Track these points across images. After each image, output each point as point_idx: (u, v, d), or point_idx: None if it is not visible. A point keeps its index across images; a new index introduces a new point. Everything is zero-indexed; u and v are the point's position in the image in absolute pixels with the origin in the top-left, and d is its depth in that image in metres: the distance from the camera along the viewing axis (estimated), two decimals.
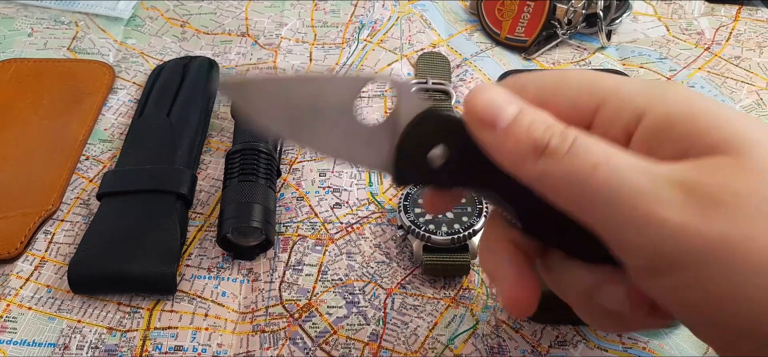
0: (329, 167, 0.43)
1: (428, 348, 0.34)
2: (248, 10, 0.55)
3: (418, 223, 0.36)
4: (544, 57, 0.51)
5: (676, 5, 0.55)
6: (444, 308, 0.35)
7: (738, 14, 0.54)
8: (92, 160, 0.43)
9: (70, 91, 0.47)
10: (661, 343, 0.34)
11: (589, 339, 0.34)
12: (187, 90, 0.45)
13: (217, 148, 0.44)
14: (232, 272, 0.37)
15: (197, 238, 0.39)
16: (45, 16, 0.54)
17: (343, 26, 0.53)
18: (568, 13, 0.50)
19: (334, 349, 0.34)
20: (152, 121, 0.43)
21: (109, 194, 0.39)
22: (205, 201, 0.41)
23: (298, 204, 0.41)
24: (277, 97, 0.25)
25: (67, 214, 0.40)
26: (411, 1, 0.55)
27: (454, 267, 0.36)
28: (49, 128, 0.45)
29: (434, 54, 0.50)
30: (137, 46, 0.52)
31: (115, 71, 0.49)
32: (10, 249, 0.37)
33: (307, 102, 0.25)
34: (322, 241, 0.39)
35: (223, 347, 0.34)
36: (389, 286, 0.36)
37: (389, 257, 0.38)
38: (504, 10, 0.51)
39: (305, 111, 0.25)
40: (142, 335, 0.34)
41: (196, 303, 0.36)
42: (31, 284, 0.37)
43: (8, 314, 0.35)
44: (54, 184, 0.41)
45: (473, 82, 0.48)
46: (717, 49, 0.51)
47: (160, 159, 0.40)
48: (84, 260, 0.36)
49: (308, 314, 0.35)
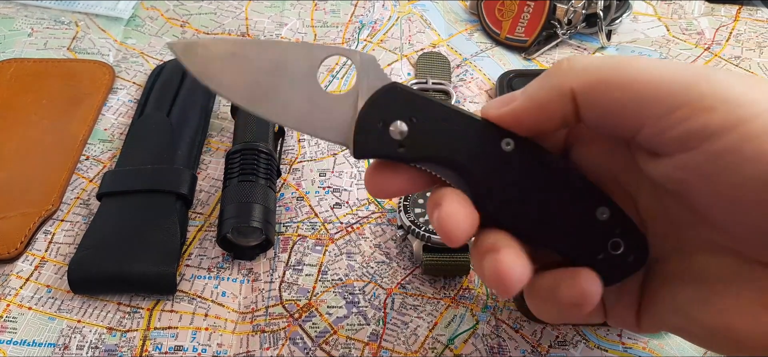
0: (329, 167, 0.43)
1: (428, 348, 0.34)
2: (248, 10, 0.55)
3: (418, 223, 0.36)
4: (544, 57, 0.51)
5: (676, 5, 0.55)
6: (444, 308, 0.35)
7: (738, 14, 0.54)
8: (92, 160, 0.43)
9: (70, 91, 0.47)
10: (661, 343, 0.34)
11: (589, 339, 0.34)
12: (187, 90, 0.45)
13: (217, 148, 0.44)
14: (232, 272, 0.37)
15: (197, 238, 0.39)
16: (45, 16, 0.54)
17: (343, 26, 0.53)
18: (568, 13, 0.50)
19: (334, 349, 0.34)
20: (152, 121, 0.43)
21: (109, 194, 0.39)
22: (205, 201, 0.41)
23: (298, 204, 0.41)
24: (233, 63, 0.25)
25: (67, 214, 0.40)
26: (411, 1, 0.55)
27: (454, 267, 0.36)
28: (49, 128, 0.44)
29: (434, 54, 0.50)
30: (137, 46, 0.52)
31: (115, 71, 0.49)
32: (10, 249, 0.37)
33: (267, 69, 0.25)
34: (322, 241, 0.39)
35: (223, 347, 0.34)
36: (389, 286, 0.36)
37: (389, 257, 0.38)
38: (504, 10, 0.51)
39: (264, 78, 0.25)
40: (142, 335, 0.34)
41: (196, 303, 0.36)
42: (31, 284, 0.37)
43: (8, 314, 0.35)
44: (54, 184, 0.41)
45: (473, 82, 0.48)
46: (717, 49, 0.51)
47: (160, 159, 0.40)
48: (84, 260, 0.36)
49: (308, 314, 0.35)
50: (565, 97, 0.23)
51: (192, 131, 0.43)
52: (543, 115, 0.24)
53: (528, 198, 0.24)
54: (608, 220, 0.24)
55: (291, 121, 0.25)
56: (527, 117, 0.24)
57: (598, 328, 0.34)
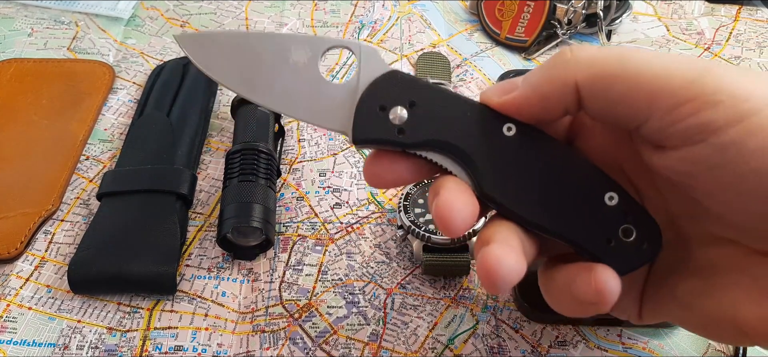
0: (329, 167, 0.43)
1: (428, 348, 0.34)
2: (248, 10, 0.55)
3: (418, 223, 0.36)
4: (544, 57, 0.51)
5: (676, 5, 0.55)
6: (444, 308, 0.35)
7: (738, 14, 0.54)
8: (92, 160, 0.43)
9: (70, 91, 0.47)
10: (661, 343, 0.34)
11: (589, 339, 0.34)
12: (187, 90, 0.45)
13: (217, 148, 0.44)
14: (232, 272, 0.37)
15: (197, 238, 0.39)
16: (45, 16, 0.54)
17: (343, 26, 0.53)
18: (568, 13, 0.50)
19: (334, 349, 0.34)
20: (152, 121, 0.43)
21: (109, 194, 0.39)
22: (205, 201, 0.41)
23: (298, 204, 0.41)
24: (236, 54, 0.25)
25: (67, 214, 0.40)
26: (411, 1, 0.55)
27: (454, 267, 0.36)
28: (49, 128, 0.44)
29: (434, 54, 0.50)
30: (137, 46, 0.52)
31: (115, 71, 0.49)
32: (10, 249, 0.37)
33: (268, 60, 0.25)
34: (322, 241, 0.39)
35: (223, 347, 0.34)
36: (389, 286, 0.36)
37: (389, 257, 0.38)
38: (504, 10, 0.51)
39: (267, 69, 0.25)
40: (142, 335, 0.34)
41: (196, 303, 0.36)
42: (31, 284, 0.37)
43: (8, 314, 0.35)
44: (54, 184, 0.41)
45: (473, 82, 0.48)
46: (717, 49, 0.51)
47: (160, 159, 0.40)
48: (84, 260, 0.36)
49: (308, 314, 0.35)
50: (568, 89, 0.23)
51: (192, 131, 0.43)
52: (545, 105, 0.24)
53: (531, 184, 0.24)
54: (617, 205, 0.23)
55: (291, 110, 0.25)
56: (529, 107, 0.24)
57: (598, 327, 0.34)
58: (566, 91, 0.23)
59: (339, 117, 0.25)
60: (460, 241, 0.35)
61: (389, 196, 0.41)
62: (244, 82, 0.25)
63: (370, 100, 0.24)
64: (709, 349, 0.33)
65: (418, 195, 0.37)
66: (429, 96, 0.24)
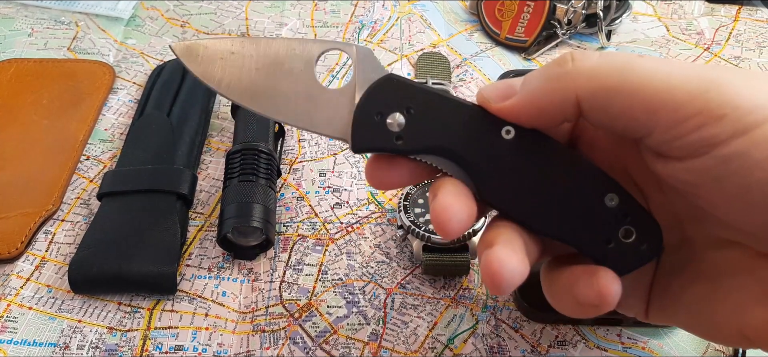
0: (329, 167, 0.43)
1: (428, 348, 0.34)
2: (248, 10, 0.55)
3: (418, 223, 0.36)
4: (544, 57, 0.51)
5: (676, 5, 0.55)
6: (444, 308, 0.35)
7: (738, 14, 0.54)
8: (92, 160, 0.43)
9: (70, 91, 0.47)
10: (661, 343, 0.34)
11: (588, 339, 0.34)
12: (187, 90, 0.45)
13: (217, 148, 0.44)
14: (232, 272, 0.37)
15: (197, 238, 0.39)
16: (45, 16, 0.54)
17: (343, 26, 0.53)
18: (568, 13, 0.50)
19: (334, 349, 0.34)
20: (152, 121, 0.43)
21: (110, 194, 0.39)
22: (206, 201, 0.41)
23: (298, 204, 0.41)
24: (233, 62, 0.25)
25: (68, 214, 0.40)
26: (411, 1, 0.55)
27: (454, 267, 0.36)
28: (50, 128, 0.45)
29: (434, 54, 0.50)
30: (137, 46, 0.52)
31: (115, 71, 0.49)
32: (10, 249, 0.37)
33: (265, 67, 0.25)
34: (322, 241, 0.39)
35: (224, 347, 0.34)
36: (389, 286, 0.36)
37: (389, 257, 0.38)
38: (504, 10, 0.52)
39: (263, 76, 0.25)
40: (142, 335, 0.34)
41: (197, 303, 0.36)
42: (32, 284, 0.37)
43: (9, 314, 0.35)
44: (54, 184, 0.41)
45: (473, 82, 0.48)
46: (717, 49, 0.51)
47: (161, 159, 0.40)
48: (84, 260, 0.36)
49: (308, 314, 0.35)
50: (568, 103, 0.23)
51: (192, 131, 0.43)
52: (544, 114, 0.23)
53: (530, 186, 0.24)
54: (617, 206, 0.23)
55: (290, 118, 0.25)
56: (527, 116, 0.24)
57: (598, 327, 0.34)
58: (566, 105, 0.23)
59: (338, 124, 0.25)
60: (460, 241, 0.35)
61: (389, 196, 0.41)
62: (242, 91, 0.25)
63: (367, 107, 0.24)
64: (709, 349, 0.33)
65: (418, 195, 0.37)
66: (426, 101, 0.24)
